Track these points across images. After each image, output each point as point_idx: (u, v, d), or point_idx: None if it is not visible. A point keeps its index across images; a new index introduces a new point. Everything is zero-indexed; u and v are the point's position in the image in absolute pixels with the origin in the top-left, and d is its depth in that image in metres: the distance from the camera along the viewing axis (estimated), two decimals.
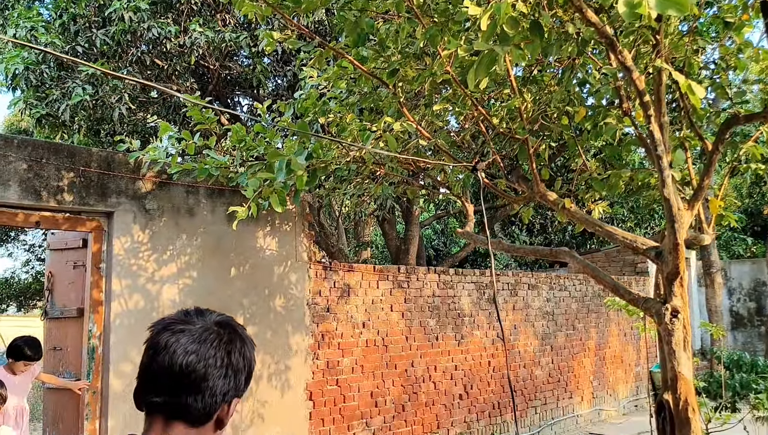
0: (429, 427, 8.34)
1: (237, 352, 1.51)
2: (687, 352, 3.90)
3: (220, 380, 1.46)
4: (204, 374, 1.43)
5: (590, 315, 11.68)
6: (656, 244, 4.01)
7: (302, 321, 7.00)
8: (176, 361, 1.41)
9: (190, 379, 1.41)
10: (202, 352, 1.43)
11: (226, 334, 1.50)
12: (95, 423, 5.48)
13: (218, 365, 1.45)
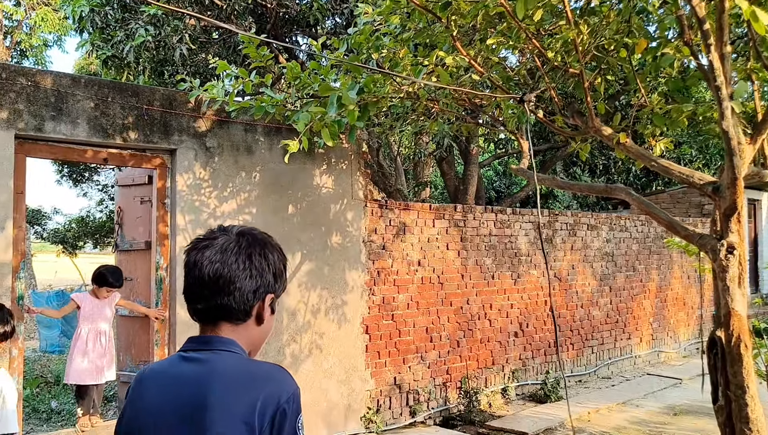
0: (483, 363, 8.49)
1: (257, 254, 1.68)
2: (742, 289, 3.84)
3: (246, 280, 1.64)
4: (230, 277, 1.62)
5: (652, 256, 11.48)
6: (714, 180, 3.91)
7: (358, 258, 7.16)
8: (204, 272, 1.62)
9: (219, 284, 1.61)
10: (225, 260, 1.63)
11: (245, 241, 1.68)
12: (164, 349, 5.82)
13: (241, 268, 1.64)
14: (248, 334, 1.68)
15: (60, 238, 21.23)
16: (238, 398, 1.52)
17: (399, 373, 7.52)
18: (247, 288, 1.64)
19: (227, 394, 1.52)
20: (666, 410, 8.37)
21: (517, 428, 7.28)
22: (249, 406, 1.52)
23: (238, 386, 1.54)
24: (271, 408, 1.54)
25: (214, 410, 1.51)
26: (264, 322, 1.71)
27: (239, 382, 1.55)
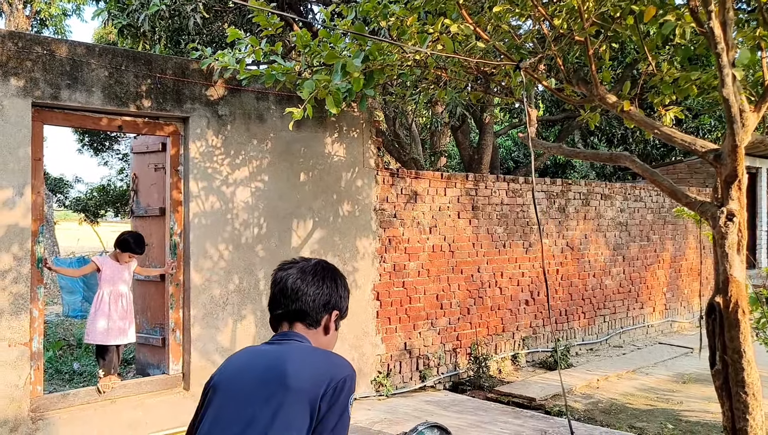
0: (494, 330, 8.60)
1: (329, 278, 2.11)
2: (740, 256, 3.87)
3: (318, 296, 2.06)
4: (305, 290, 2.05)
5: (666, 226, 11.45)
6: (716, 147, 3.92)
7: (369, 226, 7.26)
8: (287, 285, 2.06)
9: (297, 294, 2.05)
10: (304, 277, 2.07)
11: (320, 267, 2.12)
12: (179, 312, 5.99)
13: (316, 285, 2.07)
14: (317, 340, 2.07)
15: (82, 207, 21.55)
16: (308, 371, 1.91)
17: (409, 338, 7.66)
18: (317, 301, 2.06)
19: (301, 366, 1.92)
20: (675, 378, 8.44)
21: (525, 393, 7.41)
22: (315, 377, 1.90)
23: (309, 361, 1.95)
24: (333, 382, 1.90)
25: (289, 375, 1.90)
26: (329, 333, 2.12)
27: (310, 359, 1.96)
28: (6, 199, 4.98)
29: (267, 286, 6.37)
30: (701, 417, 6.77)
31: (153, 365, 6.36)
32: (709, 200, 4.07)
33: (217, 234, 6.10)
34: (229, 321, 6.16)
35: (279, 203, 6.52)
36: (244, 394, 1.94)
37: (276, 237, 6.51)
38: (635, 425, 6.47)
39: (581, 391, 7.80)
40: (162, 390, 5.85)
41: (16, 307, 5.02)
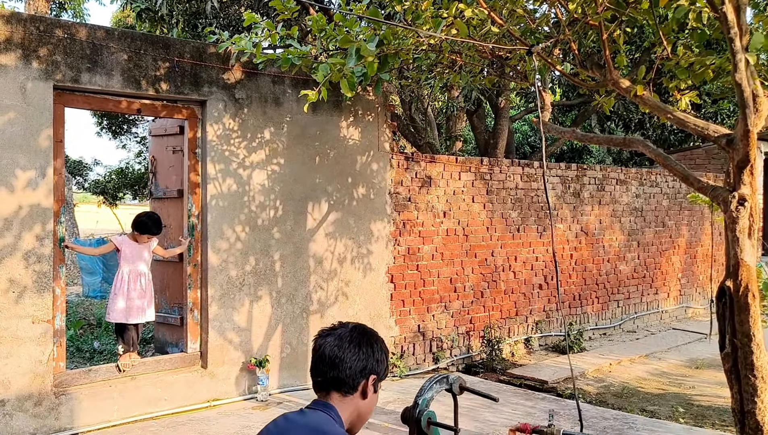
0: (507, 314, 8.66)
1: (365, 343, 2.16)
2: (752, 240, 3.89)
3: (355, 362, 2.11)
4: (342, 357, 2.10)
5: (682, 212, 11.41)
6: (728, 132, 3.93)
7: (384, 209, 7.32)
8: (325, 353, 2.11)
9: (335, 362, 2.10)
10: (341, 345, 2.12)
11: (357, 332, 2.18)
12: (197, 292, 6.11)
13: (353, 352, 2.12)
14: (355, 405, 2.14)
15: (101, 189, 21.80)
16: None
17: (423, 321, 7.75)
18: (354, 367, 2.11)
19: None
20: (688, 363, 8.47)
21: (537, 376, 7.47)
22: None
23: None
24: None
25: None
26: (368, 397, 2.17)
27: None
28: (29, 179, 5.10)
29: (282, 267, 6.48)
30: (713, 401, 6.80)
31: (171, 344, 6.50)
32: (722, 185, 4.09)
33: (233, 216, 6.20)
34: (245, 301, 6.27)
35: (295, 186, 6.60)
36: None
37: (291, 219, 6.59)
38: (647, 408, 6.52)
39: (593, 374, 7.86)
40: (180, 368, 5.98)
41: (40, 285, 5.15)
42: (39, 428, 5.14)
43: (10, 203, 5.02)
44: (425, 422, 2.12)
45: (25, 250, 5.09)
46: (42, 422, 5.16)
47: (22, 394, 5.07)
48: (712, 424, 6.03)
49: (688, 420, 6.16)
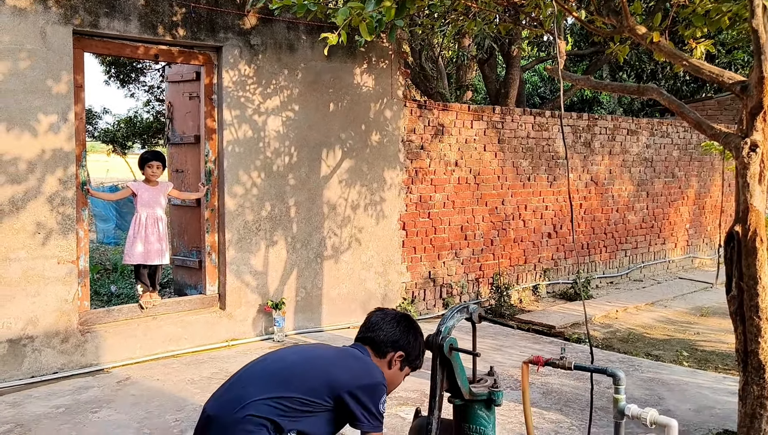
0: (516, 261, 8.81)
1: (404, 325, 2.57)
2: (762, 186, 3.97)
3: (390, 333, 2.53)
4: (381, 326, 2.55)
5: (692, 163, 11.44)
6: (742, 79, 3.97)
7: (397, 157, 7.40)
8: (371, 320, 2.61)
9: (374, 327, 2.57)
10: (384, 318, 2.59)
11: (401, 316, 2.61)
12: (214, 236, 6.26)
13: (390, 324, 2.56)
14: (381, 369, 2.49)
15: (110, 138, 21.85)
16: (349, 371, 2.39)
17: (434, 267, 7.90)
18: (389, 337, 2.52)
19: (346, 365, 2.42)
20: (694, 311, 8.63)
21: (545, 322, 7.65)
22: (350, 378, 2.36)
23: (353, 364, 2.44)
24: (357, 387, 2.35)
25: (337, 367, 2.41)
26: (392, 369, 2.52)
27: (356, 363, 2.45)
28: (51, 124, 5.19)
29: (297, 213, 6.61)
30: (716, 347, 6.97)
31: (190, 286, 6.68)
32: (735, 132, 4.15)
33: (249, 162, 6.30)
34: (261, 245, 6.42)
35: (309, 133, 6.68)
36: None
37: (306, 166, 6.69)
38: (652, 353, 6.70)
39: (600, 321, 8.03)
40: (199, 309, 6.17)
41: (64, 227, 5.30)
42: (66, 364, 5.36)
43: (34, 147, 5.13)
44: (447, 348, 2.25)
45: (49, 194, 5.22)
46: (69, 358, 5.37)
47: (50, 331, 5.27)
48: (715, 368, 6.20)
49: (692, 364, 6.33)
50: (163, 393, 4.98)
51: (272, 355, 2.59)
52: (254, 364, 2.51)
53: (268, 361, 2.50)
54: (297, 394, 2.27)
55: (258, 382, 2.34)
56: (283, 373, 2.36)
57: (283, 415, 2.23)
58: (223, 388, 2.44)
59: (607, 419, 4.52)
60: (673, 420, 2.65)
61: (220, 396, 2.39)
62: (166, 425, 4.37)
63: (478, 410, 2.33)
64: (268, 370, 2.41)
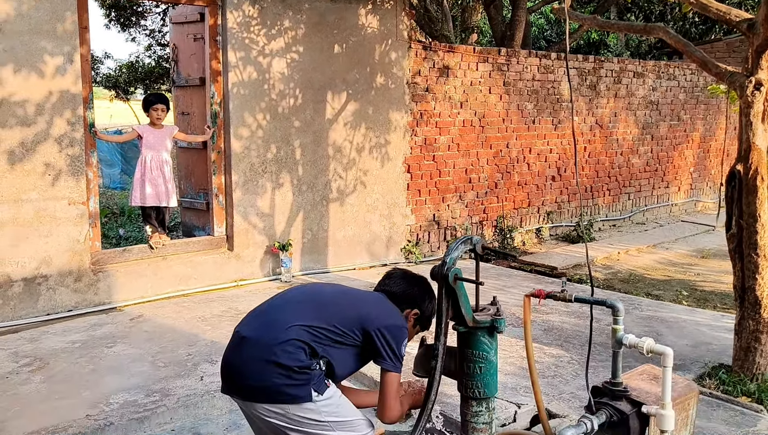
0: (520, 204, 8.88)
1: (422, 286, 2.70)
2: (764, 125, 4.00)
3: (407, 290, 2.65)
4: (399, 283, 2.69)
5: (698, 106, 11.38)
6: (750, 17, 3.95)
7: (402, 99, 7.40)
8: (391, 274, 2.76)
9: (396, 282, 2.70)
10: (404, 275, 2.75)
11: (418, 276, 2.75)
12: (221, 178, 6.32)
13: (407, 282, 2.69)
14: None
15: (112, 84, 21.69)
16: (378, 309, 2.52)
17: (438, 210, 7.98)
18: (409, 294, 2.64)
19: (376, 305, 2.56)
20: (695, 253, 8.74)
21: (547, 263, 7.77)
22: (378, 316, 2.48)
23: (382, 305, 2.57)
24: (384, 326, 2.47)
25: (368, 304, 2.55)
26: (407, 324, 2.61)
27: (384, 305, 2.58)
28: (57, 65, 5.20)
29: (302, 156, 6.66)
30: (716, 287, 7.10)
31: (198, 228, 6.78)
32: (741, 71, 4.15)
33: (254, 104, 6.31)
34: (267, 187, 6.49)
35: (314, 75, 6.67)
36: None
37: (311, 108, 6.70)
38: (652, 293, 6.83)
39: (602, 262, 8.15)
40: (208, 250, 6.28)
41: (73, 169, 5.36)
42: (80, 302, 5.50)
43: (41, 89, 5.15)
44: (452, 277, 2.34)
45: (57, 135, 5.27)
46: (82, 296, 5.51)
47: (63, 270, 5.39)
48: (714, 307, 6.33)
49: (691, 303, 6.46)
50: (175, 329, 5.13)
51: (306, 287, 2.73)
52: (288, 294, 2.63)
53: (305, 292, 2.64)
54: (333, 324, 2.39)
55: (297, 309, 2.45)
56: (322, 303, 2.49)
57: (318, 342, 2.36)
58: (255, 315, 2.54)
59: (606, 354, 4.65)
60: (668, 348, 2.75)
61: (256, 320, 2.49)
62: (180, 359, 4.53)
63: (481, 337, 2.43)
64: (306, 300, 2.54)
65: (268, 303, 2.59)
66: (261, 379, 2.32)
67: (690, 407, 3.09)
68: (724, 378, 4.28)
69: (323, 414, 2.35)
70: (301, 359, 2.31)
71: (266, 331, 2.38)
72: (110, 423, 3.61)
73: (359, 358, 2.49)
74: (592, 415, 2.89)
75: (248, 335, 2.41)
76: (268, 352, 2.31)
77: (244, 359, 2.38)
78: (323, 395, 2.36)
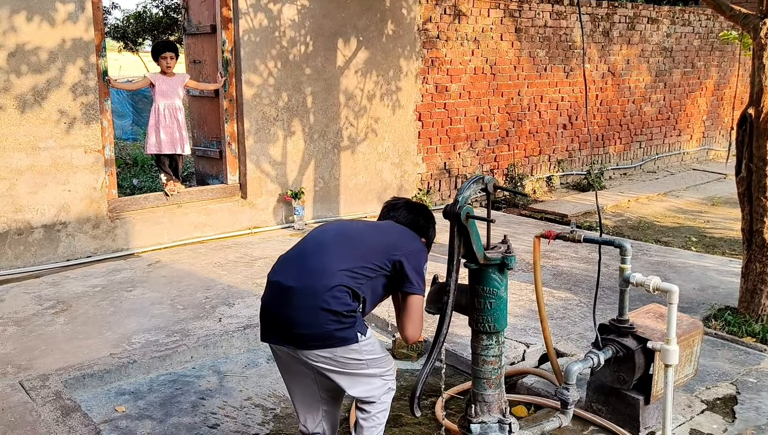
0: (530, 152, 8.89)
1: (426, 214, 2.83)
2: None
3: (415, 220, 2.76)
4: (406, 213, 2.78)
5: (713, 53, 11.22)
6: None
7: (413, 46, 7.35)
8: (398, 205, 2.83)
9: (401, 212, 2.79)
10: (408, 204, 2.84)
11: (421, 204, 2.89)
12: (233, 126, 6.37)
13: (413, 212, 2.80)
14: None
15: (120, 34, 21.55)
16: (402, 238, 2.64)
17: (449, 158, 8.01)
18: (414, 223, 2.74)
19: (399, 234, 2.67)
20: (705, 201, 8.75)
21: (557, 210, 7.82)
22: (403, 244, 2.60)
23: (404, 233, 2.68)
24: (410, 252, 2.58)
25: (392, 234, 2.66)
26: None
27: (405, 232, 2.69)
28: (68, 12, 5.21)
29: (314, 103, 6.68)
30: (725, 234, 7.14)
31: (212, 176, 6.85)
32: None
33: (266, 51, 6.30)
34: (279, 135, 6.53)
35: (324, 21, 6.63)
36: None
37: (322, 56, 6.68)
38: (661, 239, 6.88)
39: (611, 210, 8.19)
40: (222, 198, 6.37)
41: (88, 116, 5.42)
42: (98, 248, 5.63)
43: (53, 36, 5.17)
44: (464, 216, 2.40)
45: (71, 83, 5.31)
46: (100, 243, 5.64)
47: (81, 217, 5.50)
48: (723, 252, 6.39)
49: (700, 249, 6.52)
50: (192, 274, 5.26)
51: (331, 227, 2.71)
52: (319, 237, 2.62)
53: (334, 233, 2.64)
54: (369, 261, 2.48)
55: (335, 253, 2.50)
56: (354, 243, 2.55)
57: (358, 283, 2.44)
58: (292, 262, 2.55)
59: (613, 297, 4.72)
60: (674, 286, 2.82)
61: (297, 269, 2.50)
62: (198, 302, 4.66)
63: (491, 274, 2.50)
64: (339, 242, 2.57)
65: (301, 248, 2.60)
66: (314, 326, 2.38)
67: (694, 344, 3.18)
68: (730, 319, 4.36)
69: (364, 353, 2.46)
70: (348, 303, 2.40)
71: (313, 279, 2.41)
72: (134, 361, 3.75)
73: (386, 288, 2.58)
74: (599, 351, 2.99)
75: (294, 285, 2.42)
76: (319, 299, 2.36)
77: (295, 308, 2.40)
78: (365, 336, 2.47)
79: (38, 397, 3.29)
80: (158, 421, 3.34)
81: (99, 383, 3.62)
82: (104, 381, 3.63)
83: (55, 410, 3.17)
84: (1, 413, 3.15)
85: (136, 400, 3.53)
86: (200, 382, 3.75)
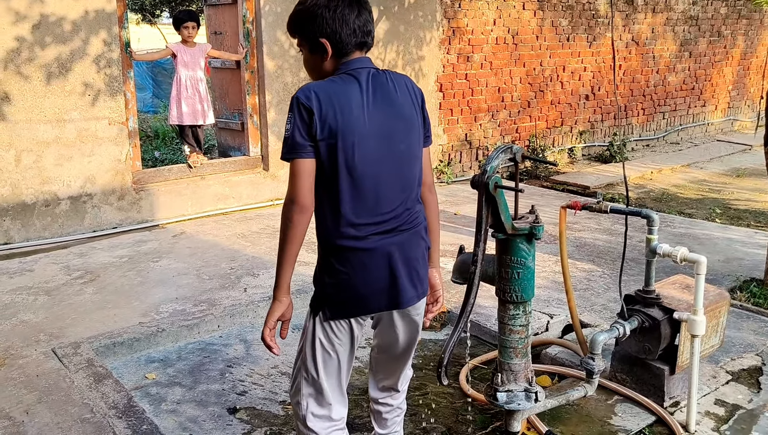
0: (552, 123, 8.80)
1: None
2: None
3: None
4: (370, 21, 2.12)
5: (740, 21, 10.98)
6: None
7: (434, 16, 7.27)
8: (369, 17, 2.10)
9: (371, 30, 2.12)
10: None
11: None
12: (255, 98, 6.37)
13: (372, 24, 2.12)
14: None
15: (139, 6, 21.52)
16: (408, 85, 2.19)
17: (470, 130, 7.96)
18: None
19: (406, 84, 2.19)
20: (729, 172, 8.65)
21: (580, 182, 7.77)
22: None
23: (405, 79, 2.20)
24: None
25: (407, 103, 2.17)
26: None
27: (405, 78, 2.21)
28: None
29: None
30: (750, 205, 7.07)
31: (234, 148, 6.88)
32: None
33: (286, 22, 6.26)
34: None
35: None
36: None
37: None
38: (684, 211, 6.82)
39: (634, 181, 8.12)
40: (244, 169, 6.40)
41: (112, 88, 5.45)
42: (124, 219, 5.70)
43: (77, 8, 5.18)
44: (492, 186, 2.40)
45: (95, 55, 5.33)
46: (126, 214, 5.70)
47: (107, 189, 5.56)
48: (747, 224, 6.33)
49: (725, 221, 6.46)
50: (216, 245, 5.31)
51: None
52: (377, 170, 2.08)
53: (385, 163, 2.09)
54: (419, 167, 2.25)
55: (396, 184, 2.13)
56: (402, 165, 2.15)
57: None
58: (366, 199, 2.08)
59: (637, 269, 4.73)
60: (701, 256, 2.81)
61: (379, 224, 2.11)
62: (223, 272, 4.71)
63: (519, 244, 2.50)
64: (393, 172, 2.11)
65: (371, 197, 2.08)
66: (420, 275, 2.24)
67: (721, 315, 3.17)
68: (755, 291, 4.34)
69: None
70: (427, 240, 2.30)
71: (405, 238, 2.16)
72: (162, 329, 3.82)
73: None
74: (625, 321, 2.99)
75: (392, 243, 2.13)
76: (416, 251, 2.23)
77: (402, 266, 2.15)
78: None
79: (71, 364, 3.37)
80: (188, 388, 3.40)
81: (129, 351, 3.69)
82: (134, 349, 3.71)
83: (87, 377, 3.24)
84: (36, 379, 3.23)
85: (165, 368, 3.60)
86: (227, 350, 3.81)
